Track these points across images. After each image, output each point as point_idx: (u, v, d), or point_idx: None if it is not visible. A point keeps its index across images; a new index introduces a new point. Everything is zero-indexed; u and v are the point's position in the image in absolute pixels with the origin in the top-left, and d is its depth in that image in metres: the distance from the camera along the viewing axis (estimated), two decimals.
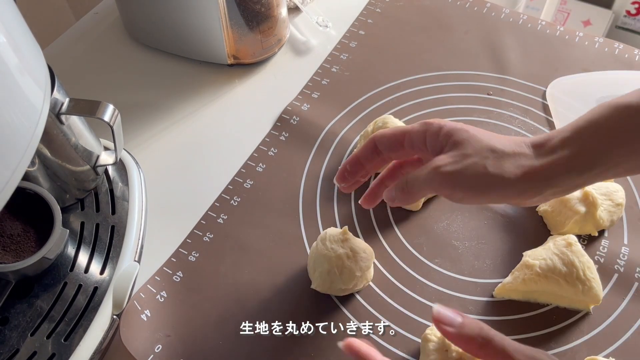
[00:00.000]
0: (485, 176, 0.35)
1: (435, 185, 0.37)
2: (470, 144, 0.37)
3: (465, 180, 0.36)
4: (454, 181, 0.36)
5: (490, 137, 0.37)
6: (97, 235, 0.49)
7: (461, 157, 0.36)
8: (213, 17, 0.60)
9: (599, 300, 0.45)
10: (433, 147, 0.38)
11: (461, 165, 0.36)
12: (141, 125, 0.62)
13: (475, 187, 0.36)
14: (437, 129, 0.38)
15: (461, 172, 0.36)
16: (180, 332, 0.46)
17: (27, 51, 0.35)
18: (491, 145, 0.36)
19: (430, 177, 0.37)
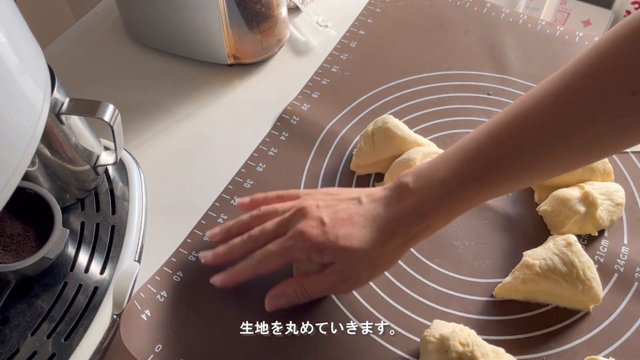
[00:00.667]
0: (380, 271, 0.45)
1: (339, 292, 0.48)
2: (356, 258, 0.42)
3: (364, 282, 0.45)
4: (356, 287, 0.47)
5: (366, 242, 0.42)
6: (97, 235, 0.49)
7: (356, 271, 0.43)
8: (213, 17, 0.60)
9: (599, 300, 0.45)
10: (320, 262, 0.44)
11: (361, 277, 0.44)
12: (141, 125, 0.62)
13: (373, 278, 0.46)
14: (319, 252, 0.43)
15: (361, 281, 0.45)
16: (180, 332, 0.46)
17: (27, 51, 0.35)
18: (371, 252, 0.42)
19: (334, 289, 0.46)
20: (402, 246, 0.43)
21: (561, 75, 0.39)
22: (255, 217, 0.47)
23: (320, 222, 0.43)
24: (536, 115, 0.39)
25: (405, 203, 0.42)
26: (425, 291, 0.48)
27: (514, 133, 0.40)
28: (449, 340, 0.41)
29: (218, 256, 0.46)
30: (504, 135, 0.40)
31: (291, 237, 0.43)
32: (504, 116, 0.41)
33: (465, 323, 0.45)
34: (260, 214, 0.47)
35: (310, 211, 0.44)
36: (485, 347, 0.41)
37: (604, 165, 0.52)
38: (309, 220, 0.43)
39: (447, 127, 0.60)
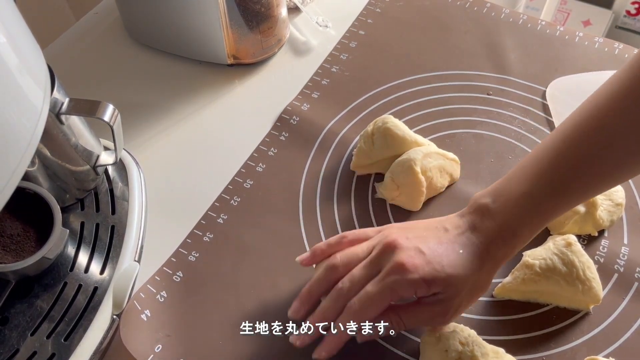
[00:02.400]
0: (476, 298, 0.43)
1: (436, 324, 0.43)
2: (461, 287, 0.40)
3: (462, 312, 0.43)
4: (454, 318, 0.42)
5: (466, 268, 0.40)
6: (97, 235, 0.49)
7: (459, 300, 0.41)
8: (213, 17, 0.60)
9: (599, 300, 0.45)
10: (425, 295, 0.41)
11: (461, 306, 0.42)
12: (141, 125, 0.62)
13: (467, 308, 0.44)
14: (426, 286, 0.40)
15: (461, 310, 0.42)
16: (180, 332, 0.46)
17: (27, 51, 0.35)
18: (474, 279, 0.41)
19: (435, 320, 0.42)
20: (493, 269, 0.41)
21: (630, 67, 0.38)
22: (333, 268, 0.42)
23: (419, 251, 0.40)
24: (614, 112, 0.38)
25: (490, 225, 0.41)
26: None
27: (591, 137, 0.39)
28: (449, 339, 0.41)
29: (312, 330, 0.42)
30: (581, 140, 0.39)
31: (392, 272, 0.39)
32: (576, 119, 0.40)
33: (465, 323, 0.45)
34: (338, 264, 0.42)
35: (402, 243, 0.40)
36: (485, 347, 0.41)
37: None
38: (405, 251, 0.40)
39: (447, 127, 0.60)
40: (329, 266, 0.42)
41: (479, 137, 0.59)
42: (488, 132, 0.59)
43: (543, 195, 0.40)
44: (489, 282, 0.42)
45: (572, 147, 0.40)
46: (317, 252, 0.44)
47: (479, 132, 0.59)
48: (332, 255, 0.43)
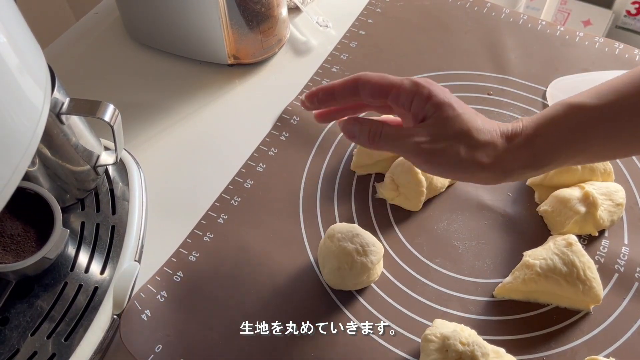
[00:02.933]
0: (456, 160, 0.38)
1: (408, 155, 0.40)
2: (452, 123, 0.39)
3: (436, 160, 0.39)
4: (427, 158, 0.39)
5: (471, 121, 0.39)
6: (97, 235, 0.49)
7: (440, 137, 0.39)
8: (213, 17, 0.60)
9: (599, 300, 0.45)
10: (416, 112, 0.40)
11: (438, 146, 0.38)
12: (141, 125, 0.62)
13: (443, 168, 0.39)
14: (427, 96, 0.39)
15: (435, 153, 0.38)
16: (180, 332, 0.46)
17: (28, 51, 0.35)
18: (470, 130, 0.39)
19: (406, 147, 0.39)
20: (494, 161, 0.38)
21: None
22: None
23: (443, 88, 0.40)
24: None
25: (519, 124, 0.40)
26: (425, 291, 0.48)
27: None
28: (449, 339, 0.41)
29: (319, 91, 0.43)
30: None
31: (404, 79, 0.40)
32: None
33: (465, 323, 0.45)
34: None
35: (434, 84, 0.40)
36: (485, 347, 0.41)
37: (604, 165, 0.52)
38: (432, 83, 0.40)
39: None
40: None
41: None
42: None
43: (588, 110, 0.38)
44: (483, 164, 0.38)
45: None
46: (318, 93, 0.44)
47: None
48: None
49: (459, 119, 0.39)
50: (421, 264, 0.50)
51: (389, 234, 0.52)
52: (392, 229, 0.52)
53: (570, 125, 0.39)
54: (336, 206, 0.54)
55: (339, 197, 0.55)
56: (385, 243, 0.51)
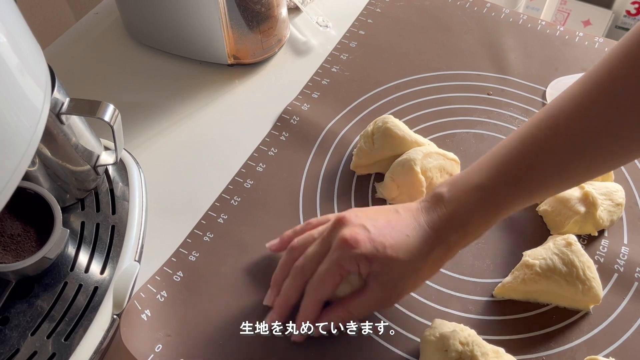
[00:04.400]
0: (419, 284, 0.44)
1: (381, 308, 0.47)
2: (401, 271, 0.42)
3: (404, 296, 0.44)
4: (397, 301, 0.45)
5: (409, 252, 0.41)
6: (97, 235, 0.49)
7: (401, 284, 0.42)
8: (213, 17, 0.60)
9: (599, 299, 0.45)
10: (367, 274, 0.42)
11: (405, 290, 0.44)
12: (141, 125, 0.62)
13: (408, 294, 0.45)
14: (366, 262, 0.41)
15: (403, 294, 0.44)
16: (180, 332, 0.46)
17: (28, 51, 0.35)
18: (414, 263, 0.42)
19: (379, 304, 0.45)
20: (442, 256, 0.42)
21: (588, 77, 0.39)
22: (294, 249, 0.46)
23: (363, 228, 0.42)
24: (566, 117, 0.39)
25: (442, 212, 0.42)
26: (425, 291, 0.48)
27: (545, 135, 0.40)
28: (449, 339, 0.41)
29: (279, 309, 0.45)
30: (536, 138, 0.40)
31: (337, 248, 0.42)
32: (535, 120, 0.41)
33: (465, 323, 0.45)
34: (298, 244, 0.46)
35: (350, 220, 0.42)
36: (485, 346, 0.41)
37: None
38: (350, 227, 0.42)
39: (447, 127, 0.60)
40: (288, 249, 0.46)
41: (479, 137, 0.59)
42: (488, 132, 0.59)
43: (494, 188, 0.41)
44: (437, 269, 0.43)
45: (526, 145, 0.41)
46: (284, 238, 0.49)
47: (479, 132, 0.59)
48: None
49: (403, 263, 0.41)
50: None
51: None
52: None
53: (474, 206, 0.42)
54: (336, 206, 0.54)
55: (338, 197, 0.55)
56: None
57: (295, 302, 0.44)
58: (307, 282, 0.44)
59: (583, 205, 0.49)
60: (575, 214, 0.49)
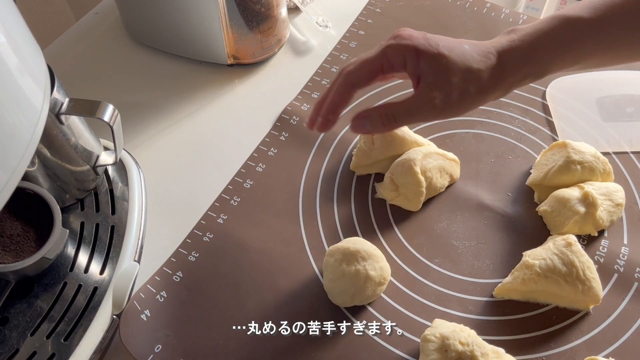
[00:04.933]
0: (470, 99, 0.40)
1: (426, 118, 0.42)
2: (451, 71, 0.39)
3: (454, 109, 0.41)
4: (445, 112, 0.41)
5: (466, 57, 0.39)
6: (97, 235, 0.49)
7: (446, 88, 0.39)
8: (213, 18, 0.60)
9: (599, 300, 0.45)
10: (412, 72, 0.40)
11: (450, 98, 0.40)
12: (141, 125, 0.62)
13: (461, 110, 0.41)
14: (415, 54, 0.39)
15: (450, 104, 0.40)
16: (180, 332, 0.46)
17: (27, 51, 0.35)
18: (469, 67, 0.39)
19: (421, 114, 0.41)
20: (500, 77, 0.40)
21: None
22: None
23: (422, 33, 0.40)
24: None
25: (511, 37, 0.40)
26: (425, 291, 0.48)
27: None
28: (449, 339, 0.41)
29: (314, 108, 0.43)
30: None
31: (390, 39, 0.40)
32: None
33: (465, 323, 0.45)
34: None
35: (412, 31, 0.40)
36: (485, 347, 0.41)
37: (604, 165, 0.52)
38: (408, 30, 0.40)
39: (447, 127, 0.60)
40: (340, 70, 0.42)
41: (479, 137, 0.59)
42: (488, 132, 0.59)
43: (583, 23, 0.39)
44: (488, 93, 0.41)
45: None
46: (317, 105, 0.44)
47: (479, 132, 0.59)
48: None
49: (454, 63, 0.39)
50: (421, 264, 0.50)
51: (389, 234, 0.52)
52: (391, 229, 0.52)
53: (566, 39, 0.40)
54: (336, 206, 0.54)
55: (338, 197, 0.55)
56: (385, 243, 0.51)
57: (334, 106, 0.42)
58: (353, 86, 0.41)
59: (583, 205, 0.49)
60: (575, 214, 0.49)
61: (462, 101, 0.40)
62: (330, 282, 0.46)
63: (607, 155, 0.56)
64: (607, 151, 0.57)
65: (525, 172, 0.56)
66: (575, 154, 0.52)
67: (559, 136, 0.59)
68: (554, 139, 0.59)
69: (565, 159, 0.52)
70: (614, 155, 0.57)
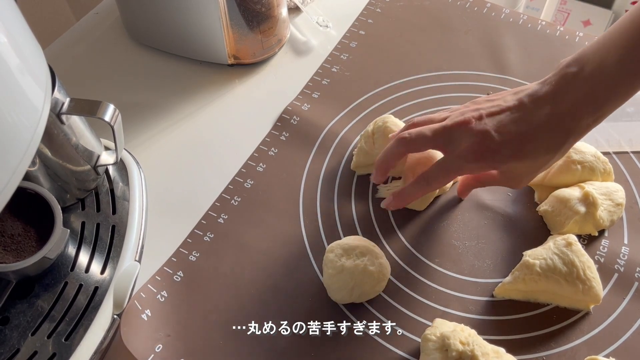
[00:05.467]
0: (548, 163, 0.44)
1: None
2: (511, 173, 0.44)
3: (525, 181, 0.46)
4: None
5: (524, 140, 0.41)
6: (97, 235, 0.49)
7: (518, 184, 0.46)
8: (213, 17, 0.60)
9: (599, 299, 0.45)
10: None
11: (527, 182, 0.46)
12: (142, 125, 0.62)
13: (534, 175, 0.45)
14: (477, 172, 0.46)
15: (522, 181, 0.46)
16: (180, 331, 0.46)
17: (28, 51, 0.35)
18: (527, 170, 0.44)
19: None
20: (570, 145, 0.42)
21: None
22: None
23: (488, 136, 0.41)
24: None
25: (576, 94, 0.39)
26: (425, 291, 0.49)
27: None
28: (449, 339, 0.41)
29: (377, 171, 0.49)
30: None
31: (460, 156, 0.42)
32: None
33: (465, 323, 0.45)
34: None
35: (476, 123, 0.42)
36: (485, 346, 0.41)
37: (604, 165, 0.52)
38: (475, 136, 0.41)
39: None
40: (399, 137, 0.45)
41: None
42: None
43: (636, 64, 0.38)
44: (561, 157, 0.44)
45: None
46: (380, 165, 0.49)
47: None
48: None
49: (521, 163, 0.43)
50: (421, 263, 0.50)
51: (389, 234, 0.52)
52: (392, 229, 0.52)
53: (613, 83, 0.40)
54: (336, 206, 0.54)
55: (339, 197, 0.55)
56: (385, 243, 0.51)
57: (390, 167, 0.48)
58: (406, 152, 0.46)
59: (583, 205, 0.49)
60: (576, 214, 0.49)
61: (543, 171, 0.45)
62: (330, 277, 0.47)
63: (607, 155, 0.56)
64: (607, 151, 0.57)
65: None
66: (575, 154, 0.52)
67: None
68: None
69: (566, 159, 0.52)
70: (614, 155, 0.57)
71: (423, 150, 0.46)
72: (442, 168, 0.44)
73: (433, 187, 0.46)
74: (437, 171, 0.44)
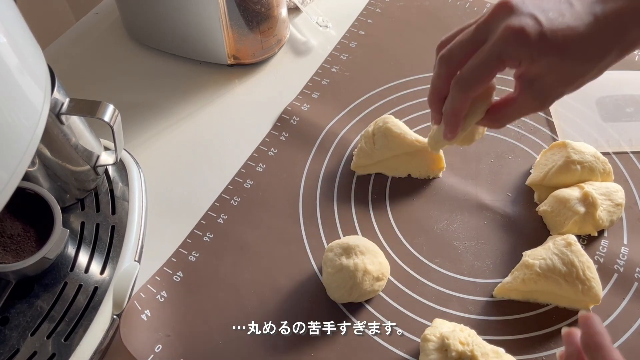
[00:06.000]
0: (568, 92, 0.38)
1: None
2: (547, 77, 0.37)
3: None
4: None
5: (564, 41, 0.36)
6: (97, 235, 0.49)
7: (547, 100, 0.39)
8: (213, 18, 0.60)
9: (599, 300, 0.45)
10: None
11: (551, 103, 0.39)
12: (141, 125, 0.62)
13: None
14: (516, 65, 0.38)
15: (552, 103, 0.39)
16: (180, 331, 0.46)
17: (28, 51, 0.35)
18: (568, 72, 0.37)
19: (524, 115, 0.42)
20: (615, 60, 0.36)
21: None
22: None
23: (534, 19, 0.35)
24: None
25: (622, 3, 0.35)
26: (425, 291, 0.49)
27: None
28: (449, 339, 0.41)
29: (431, 106, 0.42)
30: None
31: (501, 39, 0.36)
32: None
33: (465, 323, 0.45)
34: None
35: (518, 6, 0.36)
36: (485, 346, 0.41)
37: (603, 165, 0.52)
38: (520, 17, 0.35)
39: None
40: (438, 59, 0.40)
41: None
42: (488, 132, 0.59)
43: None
44: (600, 75, 0.37)
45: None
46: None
47: None
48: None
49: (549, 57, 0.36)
50: (421, 264, 0.50)
51: (389, 234, 0.52)
52: (391, 229, 0.52)
53: None
54: (336, 206, 0.54)
55: (338, 197, 0.55)
56: (385, 243, 0.51)
57: (445, 94, 0.40)
58: (451, 69, 0.39)
59: (583, 205, 0.49)
60: (575, 214, 0.49)
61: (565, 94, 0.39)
62: (329, 275, 0.47)
63: (607, 155, 0.56)
64: (607, 151, 0.57)
65: (525, 172, 0.56)
66: (575, 154, 0.52)
67: (558, 136, 0.59)
68: (553, 139, 0.59)
69: (565, 159, 0.52)
70: (613, 155, 0.57)
71: (466, 62, 0.38)
72: (478, 57, 0.37)
73: (471, 85, 0.38)
74: (472, 63, 0.38)
